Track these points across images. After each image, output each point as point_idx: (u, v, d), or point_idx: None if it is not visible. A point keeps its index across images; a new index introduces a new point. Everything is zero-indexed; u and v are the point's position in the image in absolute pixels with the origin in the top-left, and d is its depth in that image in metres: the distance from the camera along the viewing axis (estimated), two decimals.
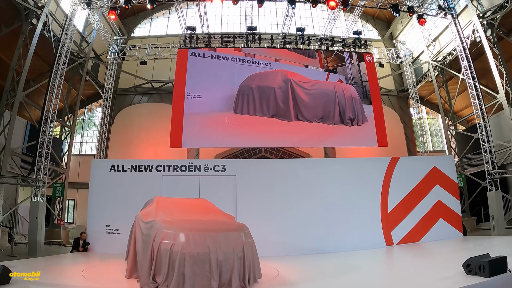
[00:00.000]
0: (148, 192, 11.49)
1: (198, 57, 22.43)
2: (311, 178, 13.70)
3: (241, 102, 20.51)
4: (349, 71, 23.31)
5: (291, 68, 22.30)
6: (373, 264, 10.47)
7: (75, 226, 23.16)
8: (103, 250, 12.97)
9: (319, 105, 20.66)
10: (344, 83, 22.37)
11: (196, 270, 6.38)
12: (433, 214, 13.68)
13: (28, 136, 21.14)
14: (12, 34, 18.52)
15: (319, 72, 23.29)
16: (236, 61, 22.70)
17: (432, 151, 26.36)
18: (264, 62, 23.02)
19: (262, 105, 20.38)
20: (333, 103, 20.53)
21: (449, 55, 22.29)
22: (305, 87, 20.74)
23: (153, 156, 22.96)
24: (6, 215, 17.20)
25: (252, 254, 7.27)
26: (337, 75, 23.17)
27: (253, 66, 22.63)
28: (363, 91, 22.39)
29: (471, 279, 6.23)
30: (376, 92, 22.13)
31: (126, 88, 27.39)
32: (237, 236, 7.24)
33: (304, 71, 22.67)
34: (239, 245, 7.05)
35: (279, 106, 20.34)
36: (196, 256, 6.49)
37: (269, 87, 20.43)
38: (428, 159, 18.12)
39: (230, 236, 7.12)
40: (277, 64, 23.00)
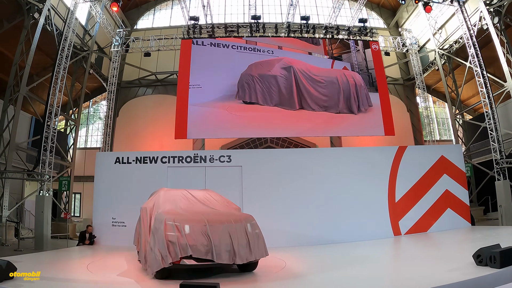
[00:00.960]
0: (153, 184, 11.40)
1: (199, 46, 22.33)
2: (317, 168, 13.58)
3: (242, 91, 20.45)
4: (354, 58, 23.03)
5: (294, 56, 22.12)
6: (381, 254, 10.37)
7: (81, 220, 23.26)
8: (109, 242, 12.96)
9: (323, 93, 20.51)
10: (349, 70, 22.10)
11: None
12: (441, 204, 13.52)
13: (33, 131, 21.18)
14: (14, 29, 18.50)
15: (324, 59, 23.02)
16: (237, 49, 22.57)
17: (439, 141, 26.12)
18: (267, 50, 22.79)
19: (264, 94, 20.32)
20: (337, 91, 20.44)
21: (456, 43, 22.04)
22: (309, 74, 20.57)
23: (158, 148, 22.96)
24: (12, 210, 17.27)
25: (258, 244, 7.22)
26: (342, 63, 22.91)
27: (255, 54, 22.43)
28: (369, 78, 22.18)
29: (482, 270, 6.11)
30: (383, 80, 21.93)
31: (130, 81, 27.37)
32: (242, 227, 7.20)
33: (308, 59, 22.42)
34: (243, 237, 7.04)
35: (282, 94, 20.28)
36: (200, 248, 6.56)
37: (271, 75, 20.32)
38: (435, 148, 17.95)
39: (235, 227, 7.07)
40: (280, 51, 22.78)
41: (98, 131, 27.73)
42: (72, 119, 23.59)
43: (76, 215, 24.90)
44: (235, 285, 6.55)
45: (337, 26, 23.06)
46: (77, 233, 17.49)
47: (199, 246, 6.59)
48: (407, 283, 5.94)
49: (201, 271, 7.45)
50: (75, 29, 19.30)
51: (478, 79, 18.45)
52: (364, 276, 6.96)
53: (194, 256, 6.55)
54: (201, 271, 7.43)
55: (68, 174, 22.69)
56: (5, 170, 16.65)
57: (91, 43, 23.97)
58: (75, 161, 23.38)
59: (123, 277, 7.34)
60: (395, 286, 6.12)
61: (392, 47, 25.18)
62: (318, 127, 20.59)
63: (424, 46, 25.55)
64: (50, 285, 6.52)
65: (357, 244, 11.66)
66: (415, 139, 26.03)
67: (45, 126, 17.27)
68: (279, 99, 20.30)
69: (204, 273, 7.36)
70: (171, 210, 7.68)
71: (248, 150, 20.86)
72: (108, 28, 23.75)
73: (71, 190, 22.18)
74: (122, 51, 24.81)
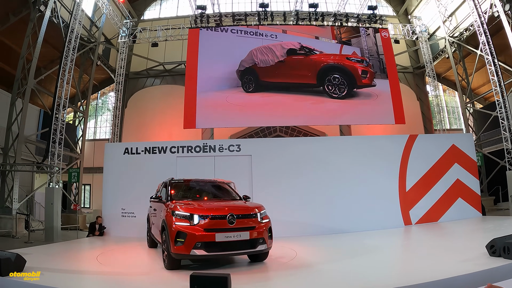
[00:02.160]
0: (162, 174, 11.35)
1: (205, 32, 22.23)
2: (327, 156, 13.50)
3: (244, 80, 20.80)
4: (364, 43, 22.53)
5: (299, 40, 21.86)
6: (392, 244, 10.34)
7: (91, 211, 23.37)
8: (119, 233, 13.03)
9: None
10: (358, 55, 21.74)
11: None
12: (451, 193, 13.42)
13: (41, 123, 21.29)
14: (20, 22, 18.55)
15: (332, 44, 22.66)
16: (236, 33, 22.45)
17: (449, 130, 25.85)
18: (270, 34, 22.43)
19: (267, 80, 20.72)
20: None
21: (466, 30, 21.69)
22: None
23: (167, 138, 22.92)
24: (22, 202, 17.39)
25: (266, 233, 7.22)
26: (351, 47, 22.42)
27: (256, 39, 22.22)
28: (379, 64, 21.82)
29: (495, 261, 6.04)
30: (393, 68, 21.56)
31: (138, 71, 27.36)
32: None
33: (315, 43, 22.03)
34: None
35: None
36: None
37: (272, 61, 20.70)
38: (446, 137, 17.76)
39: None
40: (284, 35, 22.49)
41: (106, 122, 27.80)
42: (80, 111, 23.62)
43: (86, 207, 25.06)
44: (245, 276, 6.55)
45: (346, 14, 22.62)
46: (87, 225, 17.61)
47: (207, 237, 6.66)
48: (419, 273, 5.88)
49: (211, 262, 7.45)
50: (81, 21, 19.22)
51: (489, 67, 18.17)
52: (375, 266, 6.93)
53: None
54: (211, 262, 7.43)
55: (78, 165, 22.77)
56: (15, 163, 16.76)
57: (98, 34, 23.90)
58: (84, 152, 23.46)
59: (133, 268, 7.35)
60: (407, 276, 6.05)
61: (401, 35, 24.82)
62: (327, 116, 20.41)
63: (434, 34, 25.23)
64: (60, 276, 6.56)
65: (367, 233, 11.61)
66: (425, 128, 25.79)
67: (54, 118, 17.29)
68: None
69: (214, 264, 7.36)
70: (180, 201, 7.79)
71: (257, 139, 20.77)
72: (115, 19, 23.66)
73: (80, 181, 22.26)
74: (129, 42, 24.73)
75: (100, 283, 6.26)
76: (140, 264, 7.93)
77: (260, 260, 7.52)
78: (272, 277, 6.56)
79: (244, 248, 7.01)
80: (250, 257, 7.61)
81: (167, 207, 7.50)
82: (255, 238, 6.96)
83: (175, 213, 7.02)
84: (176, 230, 6.76)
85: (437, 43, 25.24)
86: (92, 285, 6.07)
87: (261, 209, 7.49)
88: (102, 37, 24.61)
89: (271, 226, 7.45)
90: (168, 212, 7.26)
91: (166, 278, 6.49)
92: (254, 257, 7.53)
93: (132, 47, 26.46)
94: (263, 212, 7.47)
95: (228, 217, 6.81)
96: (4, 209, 16.34)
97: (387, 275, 6.19)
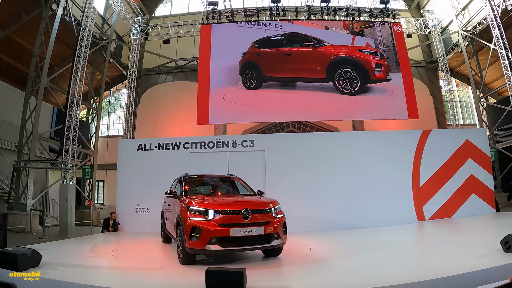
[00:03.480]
0: (176, 170, 11.38)
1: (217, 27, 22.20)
2: (341, 152, 13.40)
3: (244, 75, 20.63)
4: (379, 34, 21.93)
5: (307, 31, 21.31)
6: (406, 240, 10.28)
7: (105, 207, 23.62)
8: (133, 229, 13.11)
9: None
10: (371, 47, 21.16)
11: None
12: (465, 189, 13.26)
13: (55, 121, 21.55)
14: (32, 21, 18.79)
15: (343, 34, 22.07)
16: (237, 24, 22.34)
17: (462, 125, 25.67)
18: (274, 24, 22.05)
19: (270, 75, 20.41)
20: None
21: (479, 24, 21.50)
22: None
23: (180, 134, 23.05)
24: (37, 199, 17.61)
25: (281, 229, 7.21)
26: (365, 39, 21.89)
27: (259, 29, 21.93)
28: (395, 57, 21.37)
29: (510, 257, 6.00)
30: (406, 63, 21.32)
31: (150, 68, 27.53)
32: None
33: (324, 34, 21.51)
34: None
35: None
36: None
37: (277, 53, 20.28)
38: (460, 132, 17.63)
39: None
40: (291, 25, 22.18)
41: (119, 119, 28.02)
42: (93, 108, 23.83)
43: (100, 203, 25.32)
44: (260, 270, 6.57)
45: (358, 8, 22.46)
46: (101, 220, 17.78)
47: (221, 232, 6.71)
48: (433, 269, 5.86)
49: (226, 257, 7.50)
50: (93, 19, 19.42)
51: (502, 61, 18.03)
52: (389, 262, 6.91)
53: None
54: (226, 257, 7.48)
55: (91, 162, 22.99)
56: (29, 160, 16.98)
57: (110, 32, 24.08)
58: (97, 149, 23.69)
59: (148, 263, 7.42)
60: (421, 271, 6.04)
61: (414, 29, 24.64)
62: (340, 111, 20.07)
63: (447, 28, 25.01)
64: (75, 271, 6.64)
65: (381, 229, 11.55)
66: (438, 123, 25.61)
67: (67, 115, 17.48)
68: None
69: (229, 259, 7.40)
70: (194, 197, 7.76)
71: (270, 135, 20.67)
72: (127, 16, 23.81)
73: (94, 178, 22.49)
74: (141, 39, 24.88)
75: (116, 278, 6.32)
76: (155, 259, 8.00)
77: (275, 255, 7.53)
78: (286, 272, 6.58)
79: (259, 243, 7.00)
80: (265, 252, 7.62)
81: (182, 202, 7.53)
82: (270, 233, 6.95)
83: (190, 208, 7.04)
84: (191, 225, 6.79)
85: (450, 37, 25.03)
86: (108, 280, 6.13)
87: (275, 204, 7.47)
88: (114, 34, 24.80)
89: (285, 221, 7.42)
90: (183, 208, 7.29)
91: (181, 273, 6.53)
92: (269, 252, 7.54)
93: (144, 44, 26.62)
94: (277, 207, 7.44)
95: (243, 212, 6.81)
96: (19, 206, 16.59)
97: (401, 270, 6.17)
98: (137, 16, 25.02)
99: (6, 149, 18.66)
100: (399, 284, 4.95)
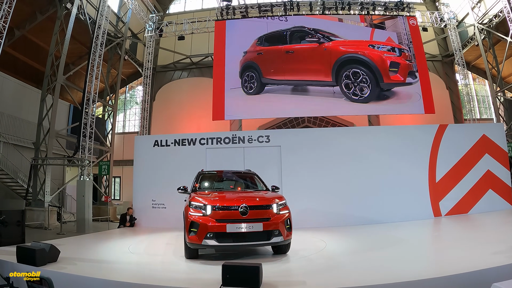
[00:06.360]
0: (192, 166, 11.39)
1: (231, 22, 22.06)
2: (357, 147, 13.36)
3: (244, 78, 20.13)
4: (402, 26, 20.69)
5: (321, 24, 20.41)
6: (422, 236, 10.23)
7: (121, 202, 23.85)
8: (149, 224, 13.24)
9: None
10: (392, 42, 19.73)
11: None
12: (482, 185, 13.11)
13: (71, 118, 21.81)
14: (47, 20, 19.05)
15: (360, 28, 20.98)
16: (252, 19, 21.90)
17: (479, 119, 25.34)
18: (276, 17, 21.35)
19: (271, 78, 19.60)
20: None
21: (496, 17, 21.17)
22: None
23: (195, 130, 23.16)
24: (54, 195, 17.86)
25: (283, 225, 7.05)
26: (386, 32, 20.71)
27: (273, 23, 21.34)
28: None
29: None
30: (422, 57, 20.91)
31: (165, 65, 27.68)
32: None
33: (338, 28, 20.56)
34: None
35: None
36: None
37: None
38: (477, 126, 17.36)
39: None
40: (296, 18, 21.61)
41: (135, 115, 28.23)
42: (109, 105, 24.05)
43: (116, 198, 25.59)
44: (276, 266, 6.59)
45: (373, 2, 22.15)
46: (118, 216, 17.98)
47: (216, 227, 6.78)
48: (449, 265, 5.83)
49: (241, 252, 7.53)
50: (108, 17, 19.60)
51: None
52: (405, 258, 6.88)
53: None
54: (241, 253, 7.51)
55: (108, 158, 23.24)
56: (46, 157, 17.23)
57: (124, 29, 24.26)
58: (114, 145, 23.92)
59: (165, 258, 7.49)
60: (437, 268, 6.01)
61: (429, 22, 24.34)
62: (356, 106, 19.21)
63: (463, 21, 24.64)
64: (93, 266, 6.73)
65: (396, 225, 11.53)
66: (454, 117, 25.30)
67: (83, 113, 17.70)
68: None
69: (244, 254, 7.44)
70: (201, 193, 7.93)
71: (286, 130, 20.42)
72: (141, 14, 23.96)
73: (111, 174, 22.75)
74: (156, 36, 25.03)
75: (133, 273, 6.38)
76: (172, 254, 8.05)
77: (283, 252, 7.43)
78: (302, 268, 6.56)
79: (258, 240, 6.91)
80: (273, 249, 7.56)
81: (189, 197, 7.65)
82: (270, 230, 6.84)
83: (191, 203, 7.12)
84: (190, 220, 6.89)
85: (466, 30, 24.67)
86: (126, 275, 6.19)
87: (280, 200, 7.29)
88: (129, 32, 24.97)
89: (290, 218, 7.24)
90: (187, 203, 7.42)
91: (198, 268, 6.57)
92: (276, 249, 7.47)
93: (158, 41, 26.79)
94: (281, 203, 7.26)
95: (240, 208, 6.78)
96: (37, 202, 16.86)
97: (417, 266, 6.14)
98: (151, 14, 25.15)
99: (23, 147, 18.94)
100: (414, 280, 4.93)
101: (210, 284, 5.14)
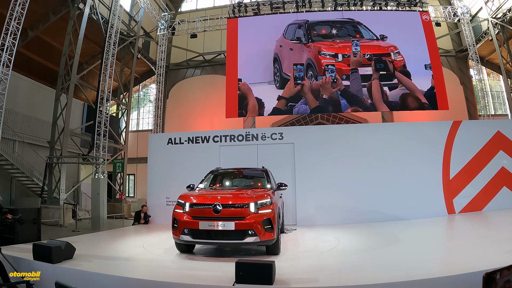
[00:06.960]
0: (206, 163, 11.54)
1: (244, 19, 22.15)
2: (370, 143, 13.27)
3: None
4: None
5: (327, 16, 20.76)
6: (436, 233, 10.16)
7: (136, 200, 24.04)
8: (164, 221, 13.20)
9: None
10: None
11: None
12: (496, 182, 12.91)
13: (85, 117, 22.05)
14: (60, 20, 19.31)
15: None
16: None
17: (494, 115, 24.99)
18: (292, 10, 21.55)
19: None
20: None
21: (510, 11, 20.93)
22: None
23: (209, 127, 23.27)
24: (69, 193, 18.09)
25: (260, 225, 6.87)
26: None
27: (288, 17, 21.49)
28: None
29: None
30: (435, 53, 20.69)
31: (178, 63, 27.82)
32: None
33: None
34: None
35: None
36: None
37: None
38: (491, 123, 17.13)
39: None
40: (306, 14, 21.60)
41: (149, 113, 28.45)
42: (123, 103, 24.25)
43: (131, 196, 25.82)
44: (289, 263, 6.65)
45: None
46: (132, 213, 18.12)
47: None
48: (463, 263, 5.81)
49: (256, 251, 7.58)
50: (120, 16, 19.73)
51: None
52: (418, 256, 6.86)
53: None
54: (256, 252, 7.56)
55: (122, 156, 23.45)
56: (61, 156, 17.46)
57: (137, 28, 24.44)
58: (128, 143, 24.13)
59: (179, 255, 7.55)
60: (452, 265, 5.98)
61: (442, 17, 24.07)
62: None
63: (476, 15, 24.34)
64: (109, 263, 6.84)
65: (410, 222, 11.46)
66: (469, 113, 25.02)
67: (97, 111, 17.88)
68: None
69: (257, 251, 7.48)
70: (198, 190, 8.47)
71: (300, 127, 20.50)
72: (153, 12, 24.08)
73: (125, 171, 22.94)
74: (168, 34, 25.15)
75: (148, 270, 6.45)
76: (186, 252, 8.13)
77: (271, 253, 7.21)
78: (315, 265, 6.56)
79: (231, 239, 6.89)
80: (266, 249, 7.31)
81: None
82: (243, 229, 6.77)
83: (177, 200, 7.55)
84: (173, 216, 7.32)
85: (480, 25, 24.37)
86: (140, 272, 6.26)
87: (260, 199, 7.13)
88: (141, 30, 25.14)
89: (269, 218, 6.94)
90: None
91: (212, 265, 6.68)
92: (267, 249, 7.26)
93: (171, 39, 26.95)
94: (261, 203, 7.06)
95: (213, 206, 6.87)
96: (52, 200, 17.13)
97: (430, 264, 6.13)
98: (163, 12, 25.26)
99: (38, 145, 19.22)
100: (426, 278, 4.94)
101: (224, 281, 5.19)
